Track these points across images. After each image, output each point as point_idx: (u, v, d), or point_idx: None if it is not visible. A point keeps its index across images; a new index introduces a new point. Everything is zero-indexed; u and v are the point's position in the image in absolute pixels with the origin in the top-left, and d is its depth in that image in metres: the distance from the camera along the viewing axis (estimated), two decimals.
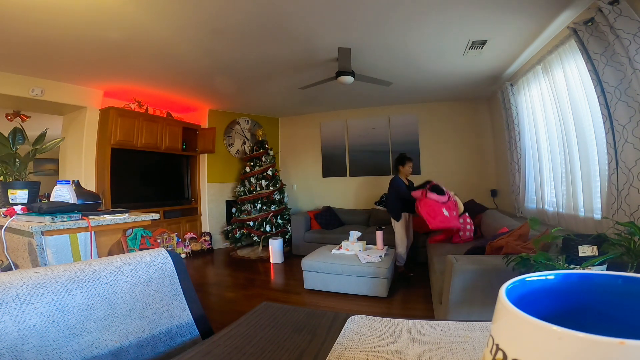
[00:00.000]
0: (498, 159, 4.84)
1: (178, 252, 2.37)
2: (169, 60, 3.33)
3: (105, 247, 1.79)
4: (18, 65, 3.25)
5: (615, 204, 1.99)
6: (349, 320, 0.64)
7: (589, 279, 0.25)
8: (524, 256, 1.51)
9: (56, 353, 0.53)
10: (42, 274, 0.56)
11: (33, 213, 1.59)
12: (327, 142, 6.03)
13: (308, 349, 0.53)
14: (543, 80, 3.01)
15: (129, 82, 4.01)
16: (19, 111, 4.53)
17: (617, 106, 1.95)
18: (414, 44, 3.08)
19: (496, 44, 3.05)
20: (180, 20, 2.54)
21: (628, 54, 1.78)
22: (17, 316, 0.50)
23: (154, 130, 4.74)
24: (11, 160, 1.81)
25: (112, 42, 2.81)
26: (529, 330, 0.19)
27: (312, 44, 3.03)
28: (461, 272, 1.80)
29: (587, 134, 2.40)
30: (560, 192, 2.86)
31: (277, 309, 0.72)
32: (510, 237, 2.12)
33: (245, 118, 5.97)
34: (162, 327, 0.68)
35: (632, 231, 1.37)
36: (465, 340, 0.54)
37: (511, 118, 3.77)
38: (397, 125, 5.55)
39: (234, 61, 3.43)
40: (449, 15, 2.54)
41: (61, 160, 4.46)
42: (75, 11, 2.31)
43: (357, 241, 3.48)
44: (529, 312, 0.19)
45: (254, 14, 2.49)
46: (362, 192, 5.72)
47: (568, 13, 2.45)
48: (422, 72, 3.88)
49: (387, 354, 0.51)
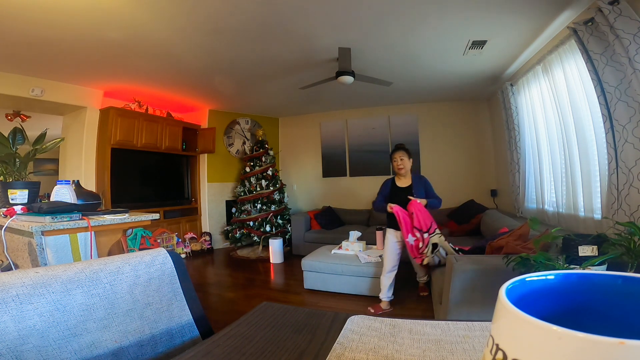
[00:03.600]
0: (498, 159, 4.84)
1: (178, 252, 2.37)
2: (169, 60, 3.32)
3: (105, 247, 1.79)
4: (18, 65, 3.25)
5: (615, 204, 1.99)
6: (349, 320, 0.64)
7: (589, 279, 0.25)
8: (524, 256, 1.51)
9: (56, 353, 0.53)
10: (42, 274, 0.56)
11: (33, 213, 1.59)
12: (327, 142, 6.03)
13: (308, 349, 0.53)
14: (543, 80, 3.00)
15: (129, 82, 4.01)
16: (19, 111, 4.53)
17: (617, 106, 1.95)
18: (414, 44, 3.08)
19: (496, 44, 3.05)
20: (180, 20, 2.54)
21: (628, 54, 1.78)
22: (17, 316, 0.50)
23: (154, 130, 4.74)
24: (11, 160, 1.81)
25: (112, 41, 2.81)
26: (529, 330, 0.19)
27: (312, 44, 3.03)
28: (461, 272, 1.80)
29: (587, 134, 2.40)
30: (560, 192, 2.86)
31: (277, 309, 0.72)
32: (510, 237, 2.12)
33: (245, 118, 5.97)
34: (162, 327, 0.68)
35: (632, 231, 1.37)
36: (465, 340, 0.54)
37: (511, 118, 3.77)
38: (397, 125, 5.55)
39: (234, 61, 3.42)
40: (449, 15, 2.54)
41: (61, 160, 4.46)
42: (76, 11, 2.31)
43: (357, 241, 3.48)
44: (529, 312, 0.19)
45: (254, 14, 2.48)
46: (362, 192, 5.72)
47: (568, 13, 2.45)
48: (422, 72, 3.88)
49: (387, 354, 0.51)
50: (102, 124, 4.25)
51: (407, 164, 2.70)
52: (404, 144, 2.83)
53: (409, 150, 2.76)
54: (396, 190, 2.73)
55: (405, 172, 2.71)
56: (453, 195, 5.03)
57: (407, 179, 2.74)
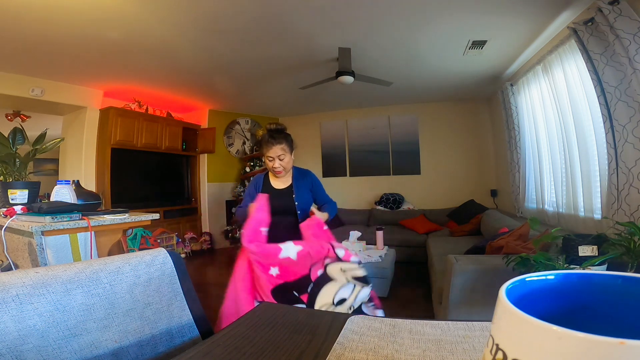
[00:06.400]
0: (498, 159, 4.84)
1: (178, 252, 2.37)
2: (169, 59, 3.32)
3: (105, 247, 1.79)
4: (18, 65, 3.25)
5: (615, 204, 1.99)
6: (349, 320, 0.64)
7: (589, 279, 0.25)
8: (524, 256, 1.51)
9: (56, 353, 0.53)
10: (42, 274, 0.56)
11: (33, 213, 1.58)
12: (327, 142, 6.03)
13: (308, 350, 0.53)
14: (543, 80, 3.00)
15: (129, 82, 4.01)
16: (19, 111, 4.53)
17: (617, 106, 1.95)
18: (414, 44, 3.08)
19: (496, 44, 3.05)
20: (180, 19, 2.54)
21: (628, 54, 1.78)
22: (17, 316, 0.50)
23: (154, 130, 4.74)
24: (11, 160, 1.81)
25: (112, 41, 2.81)
26: (529, 330, 0.19)
27: (312, 43, 3.03)
28: (461, 272, 1.80)
29: (587, 134, 2.40)
30: (560, 192, 2.86)
31: (277, 309, 0.72)
32: (510, 237, 2.12)
33: (245, 118, 5.97)
34: (162, 327, 0.68)
35: (632, 231, 1.37)
36: (465, 340, 0.54)
37: (511, 118, 3.77)
38: (397, 125, 5.55)
39: (234, 61, 3.42)
40: (449, 15, 2.53)
41: (61, 160, 4.46)
42: (76, 10, 2.31)
43: (357, 241, 3.47)
44: (529, 312, 0.19)
45: (254, 14, 2.48)
46: (362, 192, 5.72)
47: (568, 13, 2.45)
48: (422, 72, 3.88)
49: (387, 354, 0.51)
50: (102, 124, 4.25)
51: (288, 163, 1.83)
52: (282, 126, 1.86)
53: (290, 138, 1.86)
54: (270, 193, 1.80)
55: (286, 173, 1.87)
56: (453, 195, 5.03)
57: (287, 177, 1.91)
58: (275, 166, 1.80)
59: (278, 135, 1.80)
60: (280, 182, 1.90)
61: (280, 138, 1.79)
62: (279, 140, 1.78)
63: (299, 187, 1.89)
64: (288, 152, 1.81)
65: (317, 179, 1.99)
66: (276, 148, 1.78)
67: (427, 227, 4.54)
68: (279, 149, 1.78)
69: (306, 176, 1.96)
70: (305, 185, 1.92)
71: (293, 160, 1.88)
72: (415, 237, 4.33)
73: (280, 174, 1.84)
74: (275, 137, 1.79)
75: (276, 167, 1.80)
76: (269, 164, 1.82)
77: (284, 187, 1.89)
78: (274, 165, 1.80)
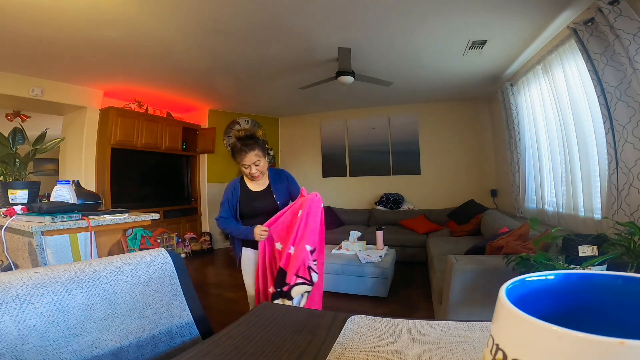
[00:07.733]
0: (498, 159, 4.84)
1: (178, 252, 2.37)
2: (169, 60, 3.32)
3: (105, 247, 1.79)
4: (18, 65, 3.25)
5: (615, 204, 1.99)
6: (348, 320, 0.64)
7: (589, 279, 0.25)
8: (524, 256, 1.51)
9: (56, 353, 0.53)
10: (42, 274, 0.56)
11: (33, 213, 1.59)
12: (327, 142, 6.03)
13: (308, 349, 0.53)
14: (543, 80, 3.00)
15: (129, 82, 4.01)
16: (19, 111, 4.53)
17: (617, 106, 1.95)
18: (414, 44, 3.08)
19: (496, 44, 3.05)
20: (180, 19, 2.54)
21: (628, 54, 1.78)
22: (17, 316, 0.50)
23: (154, 130, 4.74)
24: (11, 160, 1.81)
25: (112, 41, 2.81)
26: (529, 330, 0.19)
27: (312, 44, 3.03)
28: (461, 272, 1.80)
29: (587, 134, 2.40)
30: (560, 192, 2.86)
31: (276, 309, 0.72)
32: (510, 237, 2.12)
33: (245, 118, 5.97)
34: (162, 327, 0.68)
35: (632, 231, 1.37)
36: (465, 340, 0.54)
37: (511, 118, 3.77)
38: (397, 125, 5.55)
39: (234, 61, 3.42)
40: (449, 15, 2.53)
41: (61, 160, 4.46)
42: (75, 10, 2.31)
43: (357, 241, 3.48)
44: (529, 312, 0.19)
45: (254, 14, 2.48)
46: (362, 192, 5.72)
47: (568, 13, 2.45)
48: (422, 71, 3.88)
49: (387, 354, 0.51)
50: (102, 124, 4.25)
51: (264, 167, 1.86)
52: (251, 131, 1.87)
53: (261, 142, 1.86)
54: (249, 197, 1.89)
55: (263, 176, 1.90)
56: (453, 195, 5.03)
57: (263, 178, 1.93)
58: (252, 172, 1.82)
59: (250, 142, 1.80)
60: (258, 185, 1.93)
61: (252, 144, 1.80)
62: (252, 147, 1.79)
63: (277, 186, 1.93)
64: (262, 157, 1.83)
65: (291, 176, 2.03)
66: (250, 155, 1.79)
67: (427, 227, 4.53)
68: (253, 155, 1.79)
69: (281, 175, 2.00)
70: (282, 183, 1.96)
71: (268, 162, 1.91)
72: (415, 237, 4.33)
73: (258, 179, 1.87)
74: (247, 144, 1.79)
75: (254, 174, 1.83)
76: (245, 171, 1.84)
77: (263, 189, 1.93)
78: (251, 172, 1.82)
